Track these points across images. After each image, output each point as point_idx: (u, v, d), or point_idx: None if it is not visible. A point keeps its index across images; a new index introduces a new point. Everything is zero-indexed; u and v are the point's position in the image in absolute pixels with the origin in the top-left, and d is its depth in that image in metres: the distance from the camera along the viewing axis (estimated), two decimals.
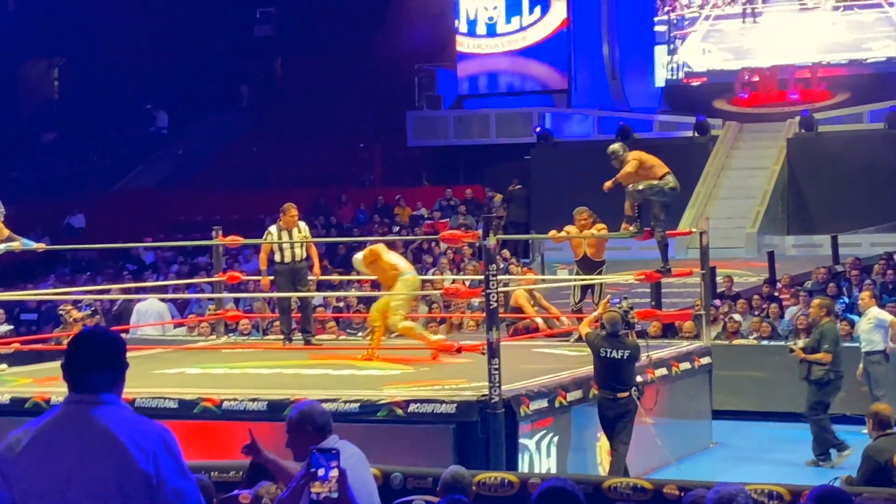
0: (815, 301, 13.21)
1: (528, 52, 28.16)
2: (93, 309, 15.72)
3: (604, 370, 10.82)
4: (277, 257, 13.34)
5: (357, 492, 4.27)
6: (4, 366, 12.47)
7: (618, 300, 12.16)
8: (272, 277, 13.47)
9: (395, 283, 11.80)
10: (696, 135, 25.24)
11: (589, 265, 13.44)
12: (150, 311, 17.82)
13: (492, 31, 28.42)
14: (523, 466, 9.99)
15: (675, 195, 13.12)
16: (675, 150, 24.17)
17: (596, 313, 11.83)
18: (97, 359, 3.79)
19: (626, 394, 10.78)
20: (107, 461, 3.60)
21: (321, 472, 3.75)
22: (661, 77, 28.40)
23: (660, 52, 28.38)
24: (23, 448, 3.67)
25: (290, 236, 13.18)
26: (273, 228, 13.39)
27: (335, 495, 3.74)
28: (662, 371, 12.30)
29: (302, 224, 13.50)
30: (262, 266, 13.72)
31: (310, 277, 13.43)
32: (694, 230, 15.63)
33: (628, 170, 12.86)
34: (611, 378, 10.79)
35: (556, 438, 10.59)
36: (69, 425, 3.69)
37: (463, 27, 28.46)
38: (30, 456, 3.65)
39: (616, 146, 13.25)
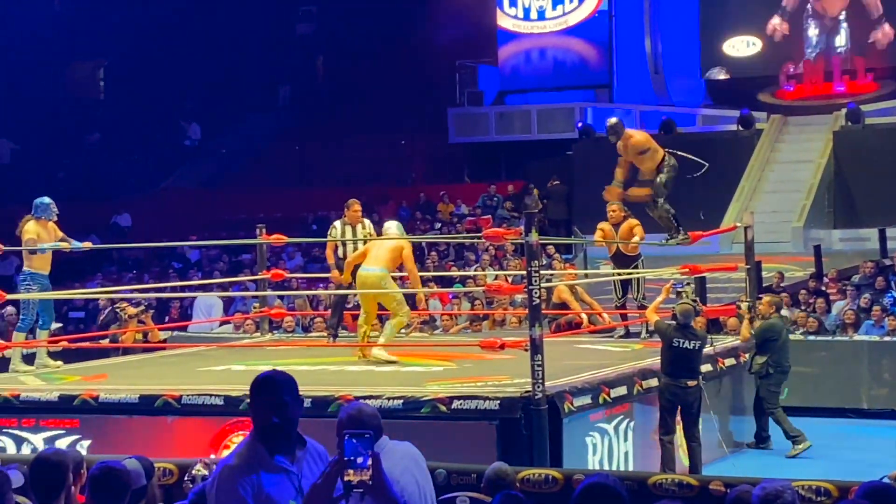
0: (766, 298, 13.16)
1: (569, 32, 28.14)
2: (147, 303, 15.86)
3: (675, 360, 11.09)
4: (340, 252, 13.22)
5: (409, 493, 4.23)
6: (60, 363, 12.59)
7: (680, 285, 12.16)
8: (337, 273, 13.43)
9: None
10: (741, 128, 25.05)
11: (623, 260, 13.41)
12: (200, 304, 17.94)
13: (541, 17, 28.46)
14: (602, 450, 10.27)
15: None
16: (719, 144, 24.04)
17: (659, 299, 11.96)
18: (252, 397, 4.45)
19: (696, 382, 11.12)
20: None
21: (359, 459, 3.70)
22: (704, 70, 28.23)
23: (703, 45, 28.22)
24: None
25: (354, 232, 13.02)
26: (338, 223, 13.26)
27: (369, 480, 3.69)
28: (707, 367, 12.23)
29: (367, 221, 13.34)
30: (330, 261, 13.61)
31: None
32: (739, 224, 15.53)
33: (648, 159, 12.97)
34: (682, 367, 11.09)
35: (632, 424, 10.79)
36: None
37: (520, 13, 28.40)
38: None
39: (614, 120, 13.30)
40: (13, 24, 30.09)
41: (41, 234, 12.07)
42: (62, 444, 10.16)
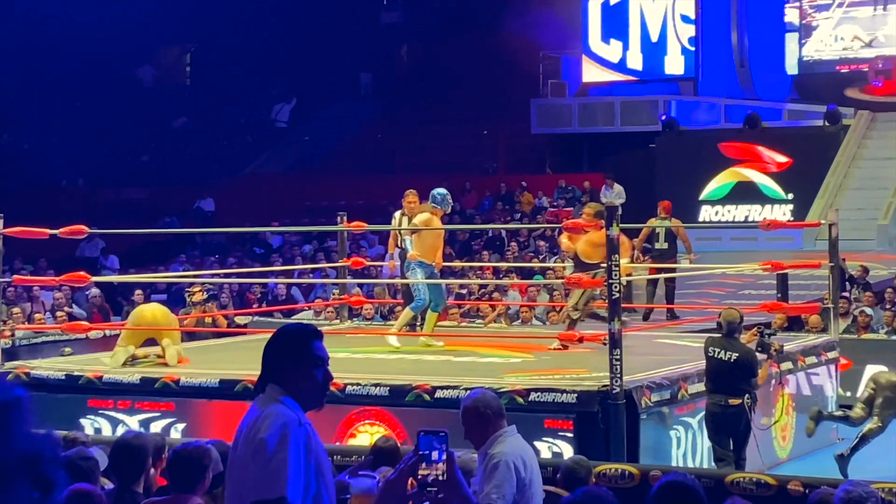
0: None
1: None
2: (211, 292, 16.05)
3: (709, 372, 10.20)
4: (400, 243, 13.32)
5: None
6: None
7: (768, 331, 11.17)
8: (397, 262, 13.53)
9: None
10: (827, 124, 24.69)
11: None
12: None
13: None
14: (686, 444, 10.19)
15: None
16: (804, 140, 23.74)
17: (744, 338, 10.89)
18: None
19: (739, 401, 9.99)
20: None
21: (434, 454, 3.72)
22: (791, 65, 27.84)
23: (790, 39, 27.83)
24: None
25: (410, 223, 13.10)
26: (397, 214, 13.38)
27: (443, 478, 3.70)
28: (788, 365, 12.08)
29: None
30: (390, 250, 13.75)
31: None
32: (823, 221, 15.33)
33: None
34: (718, 381, 10.10)
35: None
36: None
37: None
38: None
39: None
40: (101, 9, 30.55)
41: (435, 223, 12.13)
42: (156, 427, 10.29)
